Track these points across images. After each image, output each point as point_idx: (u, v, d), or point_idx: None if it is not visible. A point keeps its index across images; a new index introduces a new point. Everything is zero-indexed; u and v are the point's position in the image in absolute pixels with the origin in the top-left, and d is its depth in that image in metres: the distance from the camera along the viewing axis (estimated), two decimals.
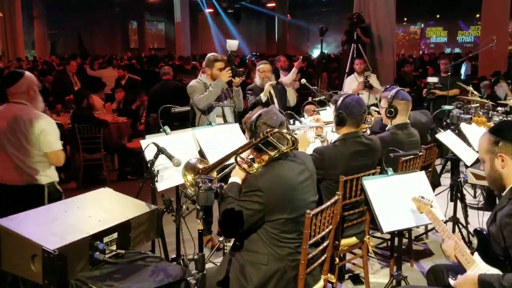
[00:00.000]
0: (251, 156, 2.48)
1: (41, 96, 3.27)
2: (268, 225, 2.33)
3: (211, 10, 25.06)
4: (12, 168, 3.10)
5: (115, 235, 2.26)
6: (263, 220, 2.32)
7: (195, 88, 4.17)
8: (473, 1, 14.65)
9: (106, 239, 2.20)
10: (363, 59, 7.12)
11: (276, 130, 2.31)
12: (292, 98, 6.92)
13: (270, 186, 2.29)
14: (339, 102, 3.07)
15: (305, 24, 24.41)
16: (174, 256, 3.29)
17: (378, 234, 3.90)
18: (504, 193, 2.11)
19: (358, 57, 7.37)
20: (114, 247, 2.25)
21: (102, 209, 2.39)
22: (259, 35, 26.42)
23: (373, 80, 6.94)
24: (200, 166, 2.36)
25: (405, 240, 3.78)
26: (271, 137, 2.30)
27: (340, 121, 3.07)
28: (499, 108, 5.08)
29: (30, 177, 3.11)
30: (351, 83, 6.88)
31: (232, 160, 2.46)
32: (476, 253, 2.11)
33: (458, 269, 2.18)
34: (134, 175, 6.73)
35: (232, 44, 4.11)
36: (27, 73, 3.24)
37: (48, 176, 3.19)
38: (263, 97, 4.95)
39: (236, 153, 2.37)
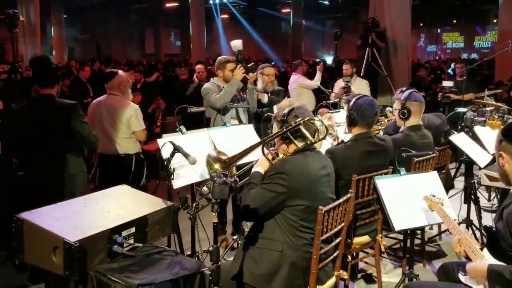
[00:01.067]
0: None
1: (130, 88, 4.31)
2: (287, 211, 2.40)
3: (225, 16, 25.25)
4: (110, 141, 4.12)
5: (132, 229, 2.33)
6: (284, 204, 2.39)
7: (210, 90, 4.22)
8: (491, 6, 14.58)
9: (124, 233, 2.27)
10: (350, 64, 6.85)
11: (308, 118, 2.42)
12: (312, 101, 6.96)
13: (295, 171, 2.38)
14: (351, 103, 3.12)
15: (320, 29, 24.46)
16: (189, 253, 3.35)
17: (392, 235, 3.92)
18: (511, 190, 2.15)
19: (347, 62, 7.10)
20: (131, 241, 2.32)
21: (120, 204, 2.47)
22: (274, 40, 26.51)
23: (362, 85, 6.64)
24: (223, 157, 2.41)
25: (418, 241, 3.80)
26: (303, 125, 2.39)
27: (351, 122, 3.13)
28: None
29: (122, 148, 4.13)
30: (337, 87, 6.69)
31: (250, 158, 2.54)
32: (485, 249, 2.13)
33: None
34: (147, 177, 6.80)
35: (237, 44, 4.18)
36: (120, 72, 4.24)
37: (135, 148, 4.21)
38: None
39: (264, 142, 2.48)
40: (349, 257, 2.97)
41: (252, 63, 4.35)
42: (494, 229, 2.14)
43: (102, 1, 22.61)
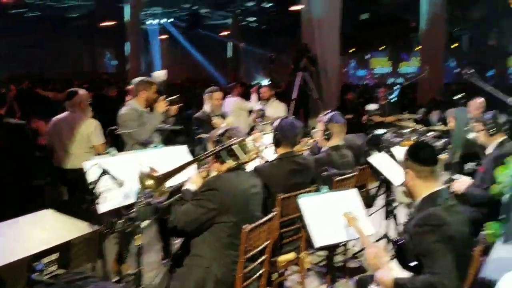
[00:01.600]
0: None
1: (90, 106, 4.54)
2: (217, 227, 2.48)
3: (165, 37, 25.11)
4: (70, 156, 4.33)
5: (55, 255, 2.28)
6: (214, 220, 2.47)
7: (128, 117, 4.09)
8: (414, 34, 15.74)
9: (45, 260, 2.22)
10: (269, 87, 6.96)
11: (241, 138, 2.57)
12: (248, 122, 7.08)
13: (227, 188, 2.49)
14: (275, 124, 3.33)
15: (258, 51, 25.00)
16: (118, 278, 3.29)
17: (320, 253, 4.07)
18: (414, 204, 2.38)
19: (265, 85, 7.24)
20: (54, 268, 2.27)
21: (42, 230, 2.41)
22: (215, 61, 26.69)
23: (279, 108, 6.64)
24: (156, 174, 2.45)
25: (343, 258, 3.98)
26: (235, 145, 2.53)
27: (276, 142, 3.34)
28: (429, 133, 5.48)
29: (82, 161, 4.13)
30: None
31: (184, 177, 2.62)
32: (393, 261, 2.32)
33: None
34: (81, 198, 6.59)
35: (160, 75, 4.21)
36: (81, 91, 4.53)
37: None
38: None
39: (198, 159, 2.60)
40: (275, 275, 3.07)
41: (176, 96, 4.34)
42: (399, 241, 2.34)
43: (36, 17, 21.80)
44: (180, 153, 3.69)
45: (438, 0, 11.48)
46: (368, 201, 4.05)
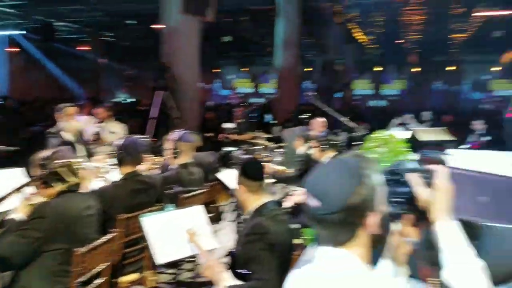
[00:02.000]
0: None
1: None
2: (46, 256, 2.35)
3: (16, 49, 22.88)
4: None
5: None
6: (41, 249, 2.33)
7: None
8: (271, 58, 16.88)
9: None
10: (104, 107, 6.79)
11: (67, 162, 2.43)
12: None
13: (54, 214, 2.36)
14: (117, 143, 3.30)
15: (122, 68, 24.24)
16: None
17: (171, 270, 4.06)
18: (245, 216, 2.55)
19: (100, 105, 7.03)
20: None
21: None
22: (77, 77, 25.08)
23: (117, 129, 6.54)
24: None
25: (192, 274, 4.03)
26: (60, 169, 2.40)
27: (120, 161, 3.29)
28: (277, 150, 5.92)
29: None
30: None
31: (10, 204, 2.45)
32: (228, 271, 2.43)
33: None
34: None
35: None
36: None
37: None
38: None
39: (20, 188, 2.42)
40: None
41: None
42: (232, 252, 2.48)
43: None
44: (14, 177, 3.41)
45: (293, 27, 12.50)
46: (217, 216, 4.19)
